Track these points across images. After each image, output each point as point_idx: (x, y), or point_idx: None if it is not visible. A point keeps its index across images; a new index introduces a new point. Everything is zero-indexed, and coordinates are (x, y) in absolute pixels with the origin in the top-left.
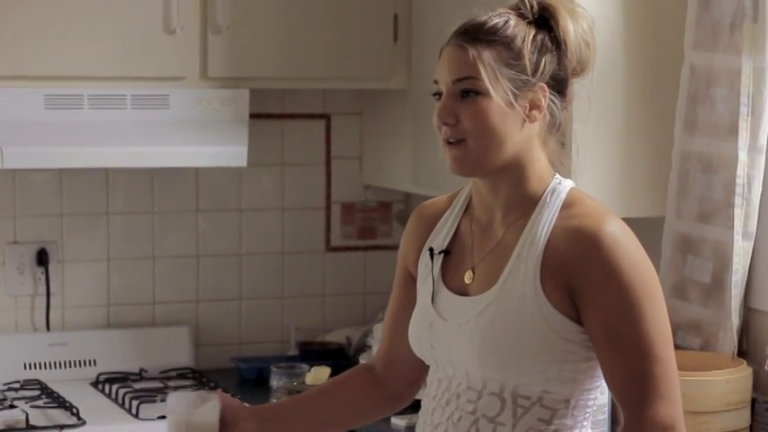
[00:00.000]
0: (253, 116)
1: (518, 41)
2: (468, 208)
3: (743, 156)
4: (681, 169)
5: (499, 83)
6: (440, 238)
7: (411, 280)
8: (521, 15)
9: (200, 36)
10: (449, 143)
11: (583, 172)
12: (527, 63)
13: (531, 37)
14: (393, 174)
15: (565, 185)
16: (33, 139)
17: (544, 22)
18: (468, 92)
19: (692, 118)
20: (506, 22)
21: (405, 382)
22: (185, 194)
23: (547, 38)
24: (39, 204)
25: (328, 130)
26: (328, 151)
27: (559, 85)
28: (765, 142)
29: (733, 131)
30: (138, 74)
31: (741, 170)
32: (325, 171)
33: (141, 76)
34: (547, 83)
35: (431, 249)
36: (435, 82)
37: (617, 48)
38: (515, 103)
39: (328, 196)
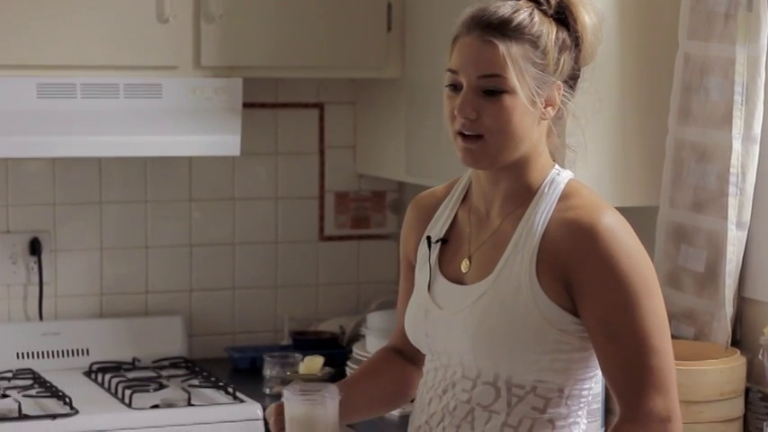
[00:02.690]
0: (246, 105)
1: (543, 39)
2: (466, 197)
3: (737, 145)
4: (675, 158)
5: (525, 81)
6: (437, 227)
7: (414, 270)
8: (542, 10)
9: (193, 25)
10: (463, 135)
11: (577, 161)
12: (551, 62)
13: (555, 35)
14: (387, 163)
15: (563, 176)
16: (26, 128)
17: (562, 17)
18: (494, 90)
19: (687, 107)
20: (532, 18)
21: None
22: (178, 184)
23: (566, 36)
24: (31, 193)
25: (322, 119)
26: (322, 140)
27: (572, 81)
28: (759, 131)
29: (727, 121)
30: (130, 63)
31: (735, 159)
32: (319, 160)
33: (134, 65)
34: (564, 81)
35: (428, 238)
36: (453, 72)
37: (611, 36)
38: (537, 102)
39: (322, 186)
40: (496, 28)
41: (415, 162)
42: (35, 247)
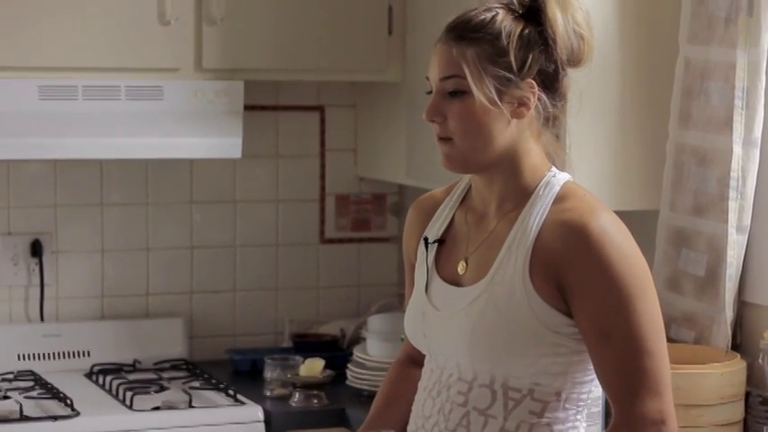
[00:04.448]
0: (247, 108)
1: (504, 37)
2: (465, 198)
3: (737, 149)
4: (675, 162)
5: (483, 81)
6: (435, 228)
7: None
8: (510, 10)
9: (195, 27)
10: (440, 139)
11: (577, 165)
12: (512, 60)
13: (518, 32)
14: (387, 166)
15: (559, 179)
16: (28, 130)
17: (533, 15)
18: (455, 91)
19: (687, 111)
20: (494, 17)
21: None
22: (179, 186)
23: (535, 33)
24: (33, 195)
25: (323, 122)
26: (322, 143)
27: (549, 80)
28: (760, 135)
29: (728, 125)
30: (132, 65)
31: (735, 164)
32: (320, 163)
33: (136, 68)
34: (534, 78)
35: (425, 239)
36: (428, 79)
37: (612, 41)
38: (501, 101)
39: (323, 188)
40: (455, 30)
41: (416, 165)
42: (36, 249)
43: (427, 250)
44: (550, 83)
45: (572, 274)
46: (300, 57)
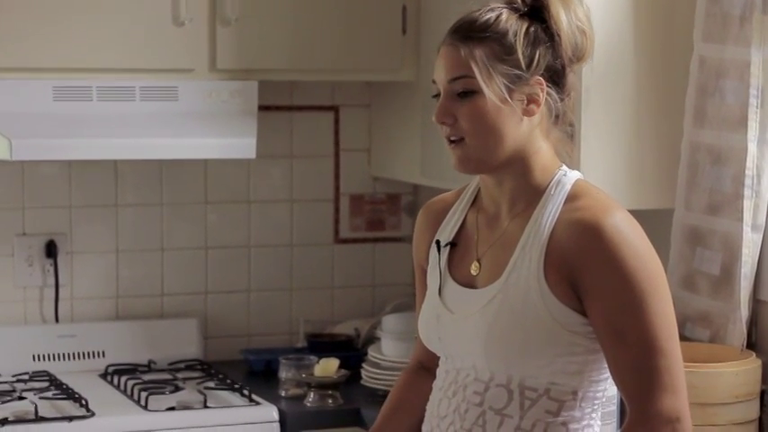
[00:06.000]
0: (261, 108)
1: (510, 36)
2: (475, 200)
3: (752, 148)
4: (690, 161)
5: (492, 79)
6: (447, 231)
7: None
8: (513, 9)
9: (209, 28)
10: (450, 141)
11: (592, 164)
12: (520, 57)
13: (524, 30)
14: (402, 166)
15: (570, 177)
16: (42, 131)
17: (537, 13)
18: (465, 91)
19: (702, 110)
20: (498, 16)
21: None
22: (194, 186)
23: (540, 30)
24: (47, 196)
25: (337, 122)
26: (337, 143)
27: (556, 77)
28: None
29: (742, 123)
30: (146, 66)
31: (750, 162)
32: (334, 163)
33: (150, 68)
34: (542, 75)
35: (437, 242)
36: (433, 82)
37: (626, 39)
38: (511, 99)
39: (337, 188)
40: (461, 31)
41: (430, 164)
42: (51, 250)
43: (439, 253)
44: (558, 79)
45: (586, 273)
46: (315, 57)
